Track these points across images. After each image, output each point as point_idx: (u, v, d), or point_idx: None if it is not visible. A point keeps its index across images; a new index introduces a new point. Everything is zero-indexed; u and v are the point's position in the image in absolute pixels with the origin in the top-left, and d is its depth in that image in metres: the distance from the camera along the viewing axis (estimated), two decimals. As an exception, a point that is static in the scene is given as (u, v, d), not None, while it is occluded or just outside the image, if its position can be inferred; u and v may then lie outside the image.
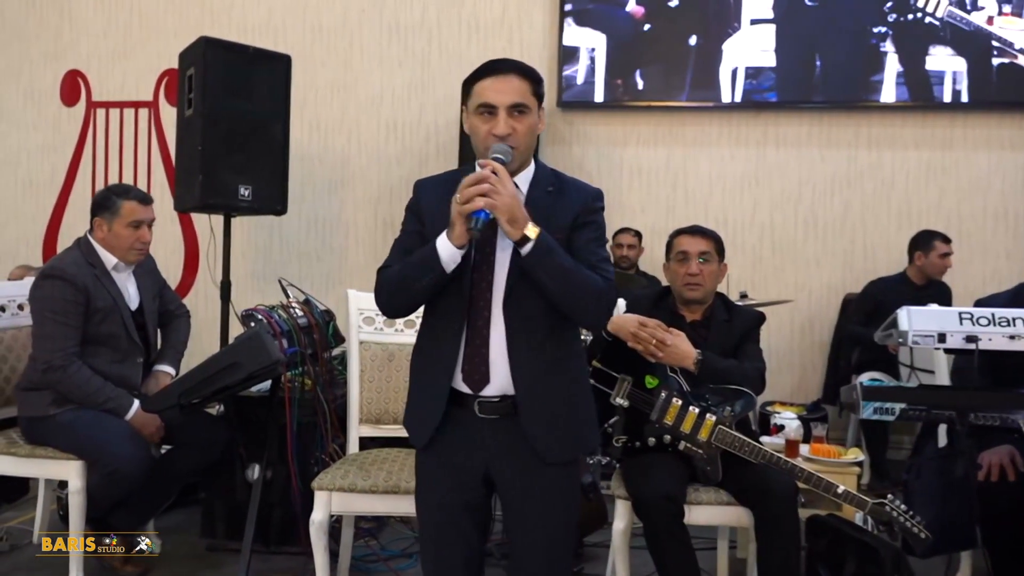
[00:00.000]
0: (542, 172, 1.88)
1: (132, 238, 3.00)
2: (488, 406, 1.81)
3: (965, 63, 4.81)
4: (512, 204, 1.68)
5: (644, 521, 2.45)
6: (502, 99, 1.75)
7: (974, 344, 2.43)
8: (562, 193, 1.84)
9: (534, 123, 1.80)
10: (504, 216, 1.68)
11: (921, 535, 2.37)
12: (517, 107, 1.76)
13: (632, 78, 5.05)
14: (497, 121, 1.76)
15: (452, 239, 1.72)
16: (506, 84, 1.76)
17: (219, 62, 3.95)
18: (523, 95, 1.77)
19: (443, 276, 1.75)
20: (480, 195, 1.66)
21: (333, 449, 3.07)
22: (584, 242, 1.81)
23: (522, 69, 1.80)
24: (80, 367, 2.85)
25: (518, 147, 1.77)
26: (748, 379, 2.59)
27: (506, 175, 1.71)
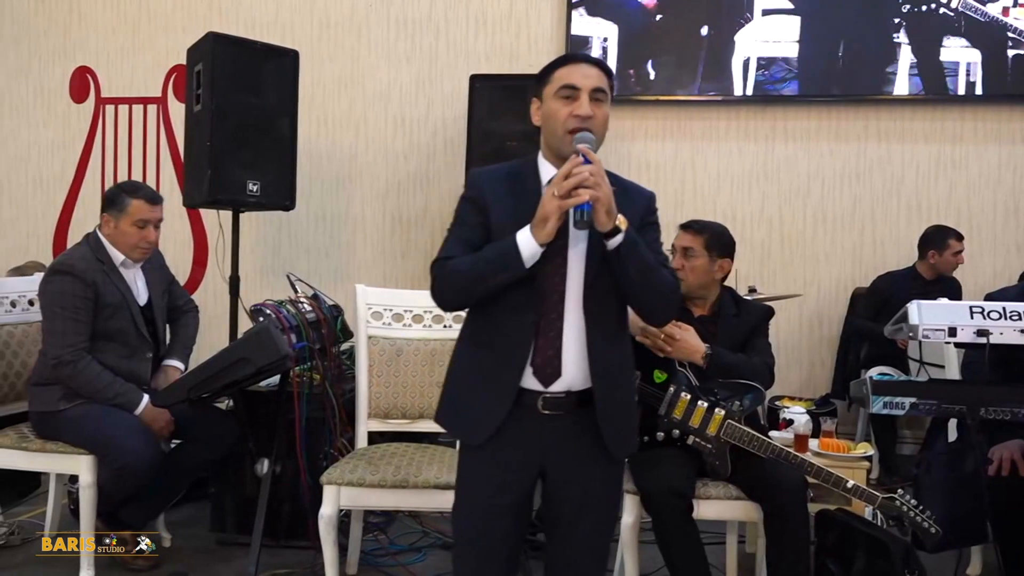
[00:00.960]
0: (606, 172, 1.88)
1: (137, 237, 3.00)
2: (553, 402, 1.79)
3: (980, 54, 4.77)
4: (610, 194, 1.70)
5: (653, 516, 2.45)
6: (587, 82, 1.78)
7: (985, 338, 2.42)
8: (625, 193, 1.82)
9: (606, 115, 1.82)
10: (604, 207, 1.68)
11: (931, 530, 2.37)
12: (598, 92, 1.79)
13: (644, 68, 5.04)
14: (580, 102, 1.77)
15: (539, 236, 1.70)
16: (590, 71, 1.80)
17: (227, 57, 3.95)
18: (603, 83, 1.81)
19: (522, 273, 1.72)
20: (582, 187, 1.66)
21: (342, 444, 3.08)
22: (650, 242, 1.84)
23: (600, 63, 1.86)
24: (90, 362, 2.86)
25: (597, 135, 1.79)
26: (757, 373, 2.59)
27: (600, 163, 1.72)
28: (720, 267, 2.72)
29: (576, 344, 1.77)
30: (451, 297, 1.84)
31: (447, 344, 2.99)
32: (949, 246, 4.45)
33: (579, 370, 1.78)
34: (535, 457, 1.82)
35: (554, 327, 1.77)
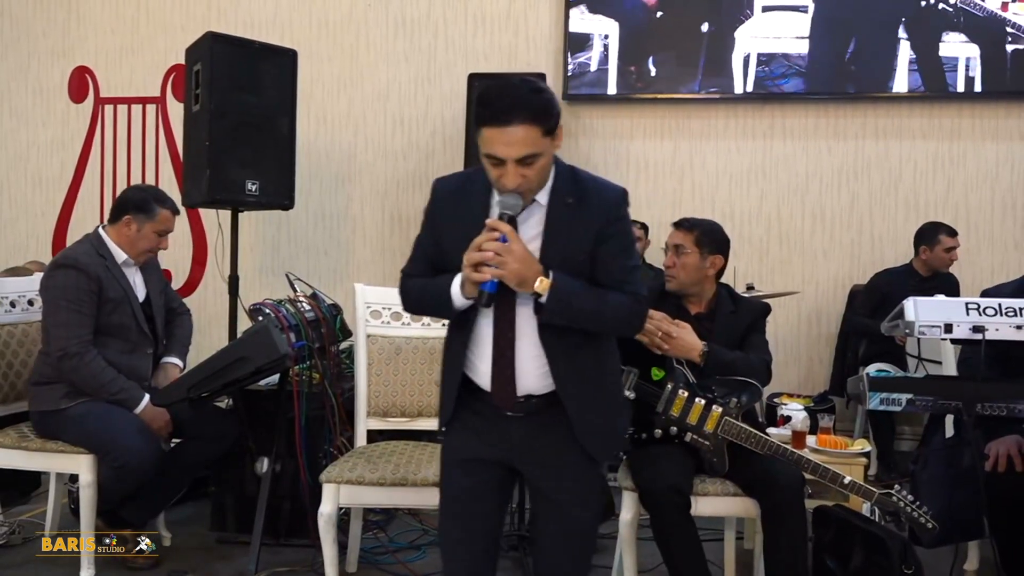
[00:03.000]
0: (560, 181, 1.78)
1: (154, 243, 3.08)
2: (515, 405, 1.81)
3: (979, 49, 4.78)
4: (520, 269, 1.66)
5: (651, 512, 2.46)
6: (509, 152, 1.65)
7: (981, 334, 2.43)
8: (582, 204, 1.76)
9: (548, 160, 1.72)
10: (513, 282, 1.68)
11: (928, 525, 2.38)
12: (526, 159, 1.66)
13: (645, 65, 5.05)
14: (506, 172, 1.67)
15: (465, 292, 1.73)
16: (513, 136, 1.63)
17: (226, 57, 3.96)
18: (532, 145, 1.65)
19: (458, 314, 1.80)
20: (486, 263, 1.65)
21: (341, 442, 3.09)
22: (609, 257, 1.77)
23: (528, 113, 1.64)
24: (96, 356, 2.88)
25: (530, 189, 1.72)
26: (754, 371, 2.59)
27: (514, 235, 1.68)
28: (712, 263, 2.72)
29: (533, 355, 1.78)
30: (410, 311, 2.00)
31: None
32: (940, 242, 4.45)
33: (537, 378, 1.79)
34: (500, 453, 1.84)
35: (504, 355, 1.78)
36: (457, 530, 1.89)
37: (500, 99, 1.66)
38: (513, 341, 1.78)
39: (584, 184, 1.80)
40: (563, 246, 1.75)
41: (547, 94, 1.71)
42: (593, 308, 1.74)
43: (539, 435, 1.82)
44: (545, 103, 1.68)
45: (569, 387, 1.78)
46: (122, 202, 3.10)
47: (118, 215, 3.06)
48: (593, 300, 1.74)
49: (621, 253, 1.79)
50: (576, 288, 1.73)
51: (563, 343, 1.77)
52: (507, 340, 1.78)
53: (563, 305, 1.71)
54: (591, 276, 1.77)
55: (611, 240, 1.77)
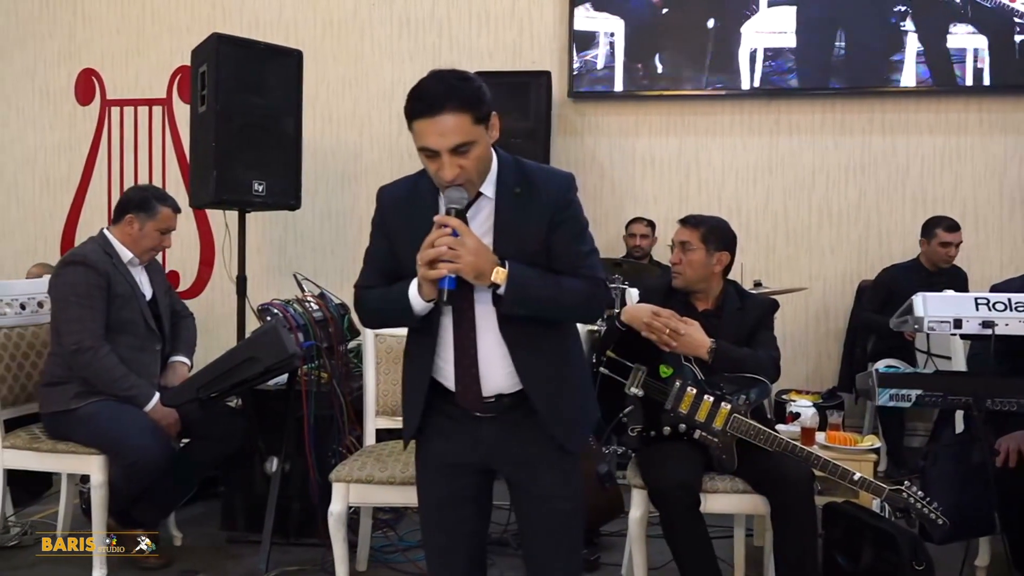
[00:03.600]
0: (505, 172, 1.77)
1: (157, 241, 3.11)
2: (484, 405, 1.79)
3: (986, 40, 4.76)
4: (475, 261, 1.64)
5: (660, 510, 2.46)
6: (443, 143, 1.63)
7: (990, 330, 2.42)
8: (531, 194, 1.74)
9: (483, 149, 1.68)
10: (471, 275, 1.65)
11: (939, 521, 2.37)
12: (459, 147, 1.64)
13: (652, 62, 5.04)
14: (442, 163, 1.65)
15: (423, 294, 1.69)
16: (443, 125, 1.62)
17: (231, 58, 3.97)
18: (463, 133, 1.64)
19: (418, 322, 1.76)
20: (441, 261, 1.62)
21: (350, 441, 3.10)
22: (563, 244, 1.75)
23: (457, 100, 1.63)
24: (109, 351, 2.90)
25: (471, 180, 1.69)
26: (762, 367, 2.59)
27: (464, 228, 1.66)
28: (718, 260, 2.72)
29: (497, 352, 1.75)
30: (366, 322, 1.93)
31: (454, 341, 3.01)
32: (936, 236, 4.39)
33: (504, 376, 1.76)
34: (474, 456, 1.82)
35: (467, 339, 1.76)
36: (440, 538, 1.87)
37: (427, 91, 1.65)
38: (475, 340, 1.76)
39: (530, 173, 1.78)
40: (515, 237, 1.72)
41: (475, 82, 1.69)
42: (551, 295, 1.72)
43: (511, 433, 1.79)
44: (473, 91, 1.67)
45: (534, 380, 1.76)
46: (123, 202, 3.14)
47: (120, 215, 3.10)
48: (551, 287, 1.72)
49: (574, 239, 1.77)
50: (532, 276, 1.70)
51: (525, 336, 1.75)
52: (469, 339, 1.76)
53: (521, 294, 1.68)
54: (547, 265, 1.74)
55: (562, 226, 1.75)
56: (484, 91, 1.69)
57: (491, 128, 1.71)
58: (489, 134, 1.70)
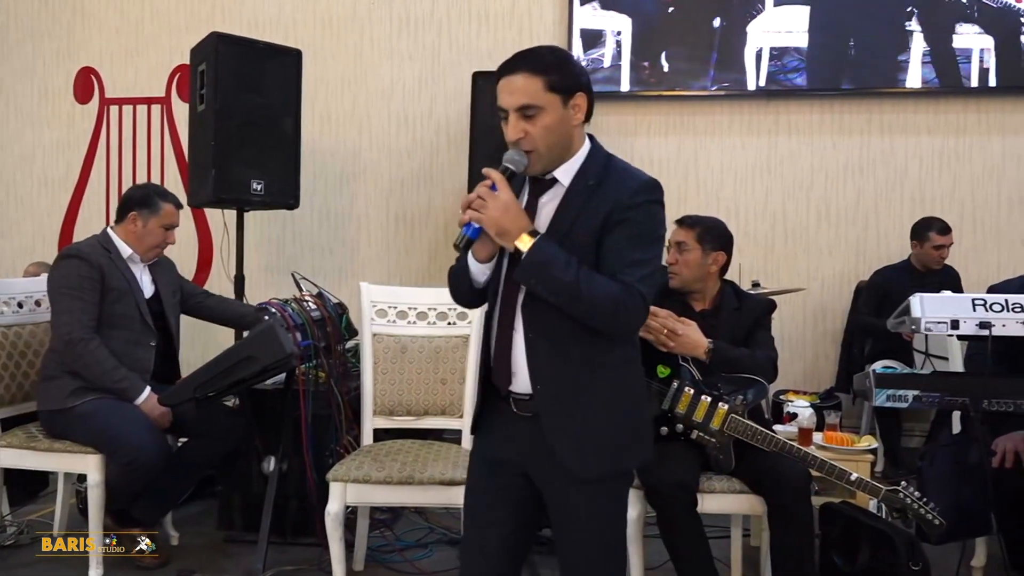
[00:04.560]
0: (592, 162, 1.74)
1: (161, 238, 3.14)
2: (521, 403, 1.75)
3: (993, 41, 4.75)
4: (499, 217, 1.62)
5: (657, 510, 2.47)
6: (510, 101, 1.66)
7: (987, 330, 2.42)
8: (600, 188, 1.70)
9: (554, 120, 1.66)
10: (492, 230, 1.64)
11: (935, 522, 2.37)
12: (525, 108, 1.65)
13: (658, 61, 5.04)
14: (508, 126, 1.68)
15: (477, 254, 1.73)
16: (513, 84, 1.65)
17: (230, 57, 3.97)
18: (532, 95, 1.64)
19: (478, 286, 1.78)
20: (470, 208, 1.64)
21: (348, 441, 3.10)
22: (613, 244, 1.67)
23: (532, 64, 1.65)
24: (100, 343, 2.92)
25: (536, 149, 1.67)
26: (760, 368, 2.60)
27: (503, 184, 1.65)
28: (714, 260, 2.72)
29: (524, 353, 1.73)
30: (453, 297, 1.89)
31: (451, 341, 3.01)
32: (929, 239, 4.42)
33: None
34: (515, 455, 1.78)
35: (505, 335, 1.75)
36: (472, 536, 1.86)
37: (515, 55, 1.69)
38: (513, 321, 1.74)
39: (612, 170, 1.74)
40: (570, 224, 1.69)
41: (564, 57, 1.72)
42: (571, 283, 1.61)
43: (543, 442, 1.71)
44: (556, 59, 1.68)
45: (544, 378, 1.70)
46: (126, 200, 3.16)
47: (123, 213, 3.12)
48: (575, 274, 1.61)
49: (627, 241, 1.66)
50: (559, 257, 1.62)
51: (550, 334, 1.69)
52: (508, 327, 1.74)
53: (540, 270, 1.62)
54: (595, 264, 1.67)
55: (619, 226, 1.66)
56: (571, 65, 1.70)
57: (573, 107, 1.68)
58: (568, 111, 1.68)
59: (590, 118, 1.75)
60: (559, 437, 1.70)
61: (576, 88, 1.69)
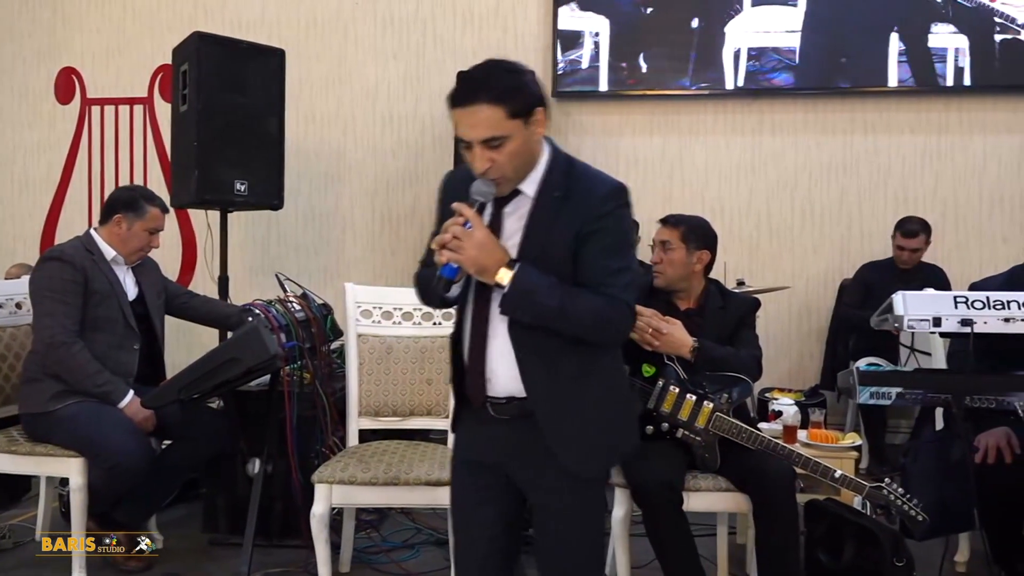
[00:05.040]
0: (553, 172, 1.71)
1: (145, 241, 3.11)
2: (498, 407, 1.74)
3: (967, 40, 4.80)
4: (478, 255, 1.60)
5: (643, 508, 2.47)
6: (473, 134, 1.61)
7: (969, 328, 2.44)
8: (569, 199, 1.68)
9: (518, 145, 1.63)
10: (472, 269, 1.62)
11: (919, 518, 2.39)
12: (491, 140, 1.61)
13: (636, 62, 5.05)
14: (474, 154, 1.63)
15: None
16: (475, 117, 1.60)
17: (213, 57, 3.94)
18: (495, 126, 1.60)
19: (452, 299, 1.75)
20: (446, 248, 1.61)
21: (333, 442, 3.09)
22: (591, 256, 1.66)
23: (491, 93, 1.59)
24: (82, 347, 2.89)
25: (503, 174, 1.64)
26: (745, 366, 2.61)
27: (477, 220, 1.62)
28: (699, 259, 2.73)
29: (507, 353, 1.71)
30: (421, 300, 1.86)
31: (437, 341, 3.01)
32: (895, 237, 4.48)
33: (514, 379, 1.71)
34: (495, 457, 1.77)
35: (477, 348, 1.73)
36: (461, 538, 1.86)
37: (466, 80, 1.62)
38: (486, 334, 1.72)
39: (576, 178, 1.71)
40: (543, 241, 1.67)
41: (519, 76, 1.65)
42: (557, 306, 1.62)
43: (529, 443, 1.71)
44: (513, 83, 1.63)
45: (539, 390, 1.69)
46: (111, 202, 3.13)
47: (108, 215, 3.08)
48: (558, 298, 1.63)
49: (603, 252, 1.67)
50: (541, 283, 1.63)
51: (535, 343, 1.68)
52: (482, 333, 1.72)
53: (524, 300, 1.63)
54: (573, 276, 1.67)
55: (593, 237, 1.66)
56: (527, 85, 1.65)
57: (533, 123, 1.65)
58: (531, 129, 1.64)
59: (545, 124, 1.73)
60: (559, 440, 1.70)
61: (534, 105, 1.65)
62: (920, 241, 4.44)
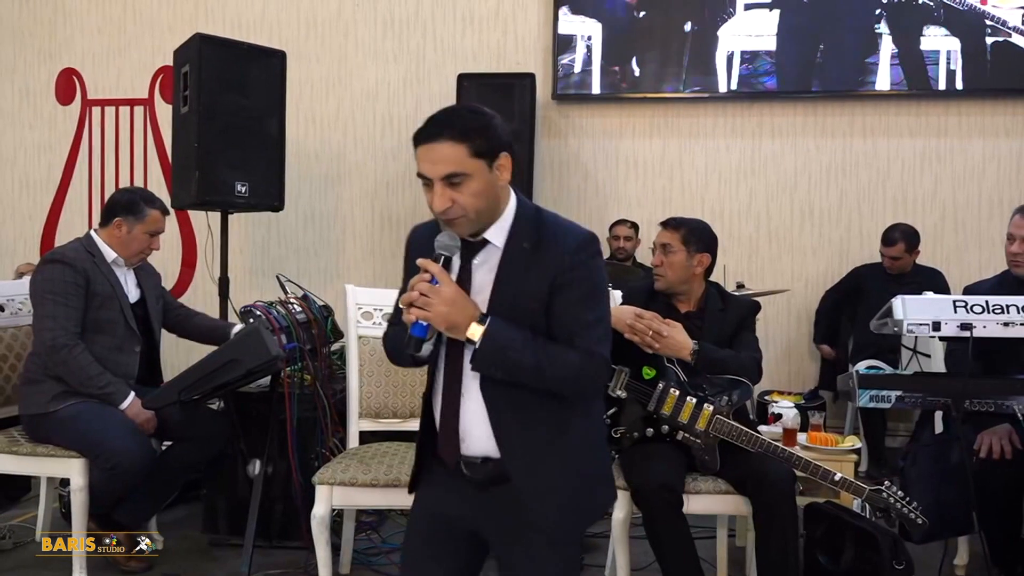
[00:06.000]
0: (521, 223, 1.65)
1: (145, 244, 3.10)
2: (472, 466, 1.68)
3: (959, 43, 4.82)
4: (448, 312, 1.55)
5: (643, 511, 2.47)
6: (434, 171, 1.57)
7: (968, 332, 2.45)
8: (539, 250, 1.61)
9: (481, 186, 1.57)
10: (442, 326, 1.57)
11: (919, 521, 2.39)
12: (451, 177, 1.56)
13: (629, 66, 5.07)
14: (434, 195, 1.58)
15: None
16: (436, 153, 1.56)
17: (214, 59, 3.95)
18: (456, 163, 1.56)
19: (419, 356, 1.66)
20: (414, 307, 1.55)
21: (333, 443, 3.09)
22: (563, 308, 1.60)
23: (454, 130, 1.56)
24: (84, 349, 2.89)
25: (465, 215, 1.58)
26: (745, 369, 2.61)
27: (444, 276, 1.58)
28: (699, 262, 2.74)
29: (479, 420, 1.65)
30: (391, 361, 1.81)
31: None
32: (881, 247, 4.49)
33: (489, 438, 1.64)
34: (462, 511, 1.70)
35: (452, 398, 1.67)
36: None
37: (431, 119, 1.61)
38: (459, 393, 1.66)
39: (545, 228, 1.65)
40: (514, 294, 1.61)
41: (485, 118, 1.62)
42: (532, 363, 1.57)
43: (503, 501, 1.65)
44: (478, 123, 1.60)
45: (515, 451, 1.63)
46: (111, 205, 3.12)
47: (108, 218, 3.08)
48: (532, 354, 1.57)
49: (576, 304, 1.60)
50: (514, 339, 1.57)
51: (510, 398, 1.62)
52: (454, 392, 1.67)
53: (497, 356, 1.57)
54: (546, 328, 1.62)
55: (565, 289, 1.60)
56: (494, 128, 1.61)
57: (498, 168, 1.60)
58: (495, 173, 1.59)
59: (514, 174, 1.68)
60: (535, 501, 1.64)
61: (499, 149, 1.60)
62: (899, 249, 4.42)
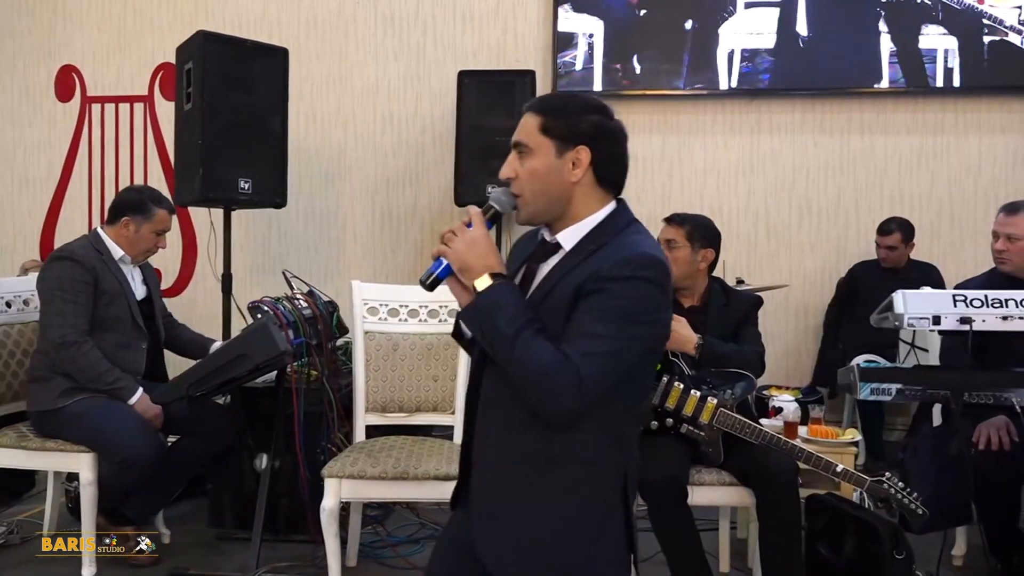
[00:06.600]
0: (600, 232, 1.56)
1: (152, 243, 3.14)
2: None
3: (957, 41, 4.86)
4: (463, 252, 1.52)
5: (648, 503, 2.51)
6: (514, 136, 1.58)
7: (968, 325, 2.49)
8: (590, 257, 1.52)
9: (541, 166, 1.53)
10: (456, 264, 1.53)
11: (919, 511, 2.43)
12: (519, 145, 1.55)
13: (630, 63, 5.09)
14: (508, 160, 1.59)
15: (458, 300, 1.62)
16: (522, 120, 1.58)
17: (217, 56, 3.96)
18: (526, 133, 1.55)
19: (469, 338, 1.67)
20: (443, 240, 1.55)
21: (339, 438, 3.11)
22: (579, 313, 1.47)
23: (540, 103, 1.59)
24: (92, 346, 2.91)
25: (521, 193, 1.55)
26: (748, 362, 2.65)
27: (479, 220, 1.55)
28: (704, 257, 2.78)
29: None
30: None
31: (443, 339, 3.04)
32: (876, 237, 4.55)
33: None
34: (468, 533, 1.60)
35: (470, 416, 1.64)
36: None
37: None
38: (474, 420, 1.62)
39: (615, 240, 1.55)
40: (551, 288, 1.53)
41: (576, 106, 1.58)
42: (508, 335, 1.45)
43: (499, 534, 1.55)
44: (563, 105, 1.58)
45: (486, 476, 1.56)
46: (119, 204, 3.14)
47: (115, 217, 3.10)
48: (515, 328, 1.45)
49: (589, 312, 1.46)
50: (510, 305, 1.48)
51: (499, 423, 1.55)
52: (470, 419, 1.64)
53: (486, 312, 1.49)
54: None
55: (589, 296, 1.46)
56: (579, 118, 1.56)
57: (568, 159, 1.54)
58: (562, 161, 1.53)
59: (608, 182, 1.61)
60: (485, 538, 1.55)
61: (576, 139, 1.54)
62: (895, 239, 4.49)
